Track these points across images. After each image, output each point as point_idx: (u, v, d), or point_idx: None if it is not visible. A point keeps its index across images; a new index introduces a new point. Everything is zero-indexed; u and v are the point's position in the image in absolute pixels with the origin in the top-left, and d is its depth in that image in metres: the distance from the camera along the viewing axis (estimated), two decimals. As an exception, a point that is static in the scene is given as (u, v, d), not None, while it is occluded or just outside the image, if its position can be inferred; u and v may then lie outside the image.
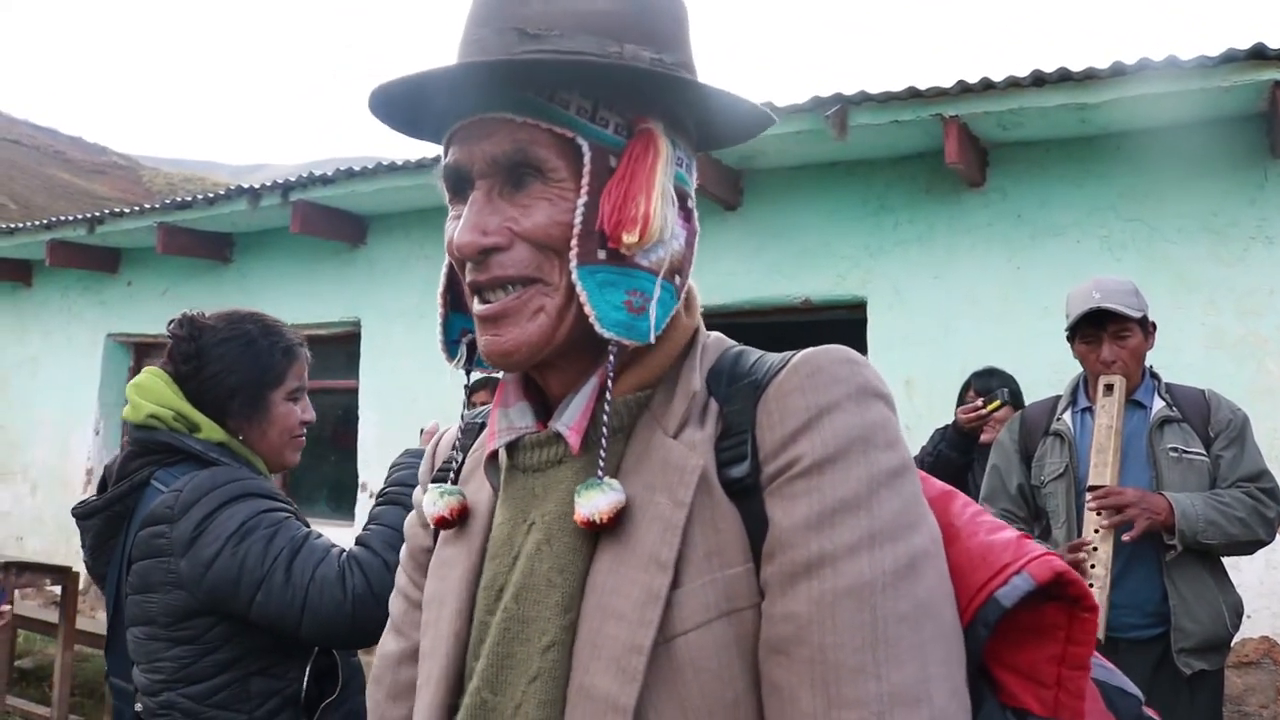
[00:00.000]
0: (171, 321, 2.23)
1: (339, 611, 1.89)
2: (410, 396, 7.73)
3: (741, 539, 0.90)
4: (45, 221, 9.38)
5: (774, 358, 0.97)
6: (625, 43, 0.94)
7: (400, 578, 1.19)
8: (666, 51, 0.96)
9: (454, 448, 1.16)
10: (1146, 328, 3.31)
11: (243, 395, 2.14)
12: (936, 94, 5.49)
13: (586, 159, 0.93)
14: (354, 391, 8.22)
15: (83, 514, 2.18)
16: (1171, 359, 4.46)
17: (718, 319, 6.58)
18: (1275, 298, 5.26)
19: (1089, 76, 5.18)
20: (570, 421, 0.96)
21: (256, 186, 7.97)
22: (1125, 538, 3.01)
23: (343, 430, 8.40)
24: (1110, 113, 5.37)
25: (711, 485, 0.92)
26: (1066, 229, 5.75)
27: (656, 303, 0.95)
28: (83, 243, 9.17)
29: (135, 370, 9.82)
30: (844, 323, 6.41)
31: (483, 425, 1.14)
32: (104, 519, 2.15)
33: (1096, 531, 3.04)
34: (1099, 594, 2.96)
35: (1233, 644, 4.83)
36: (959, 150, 5.51)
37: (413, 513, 1.19)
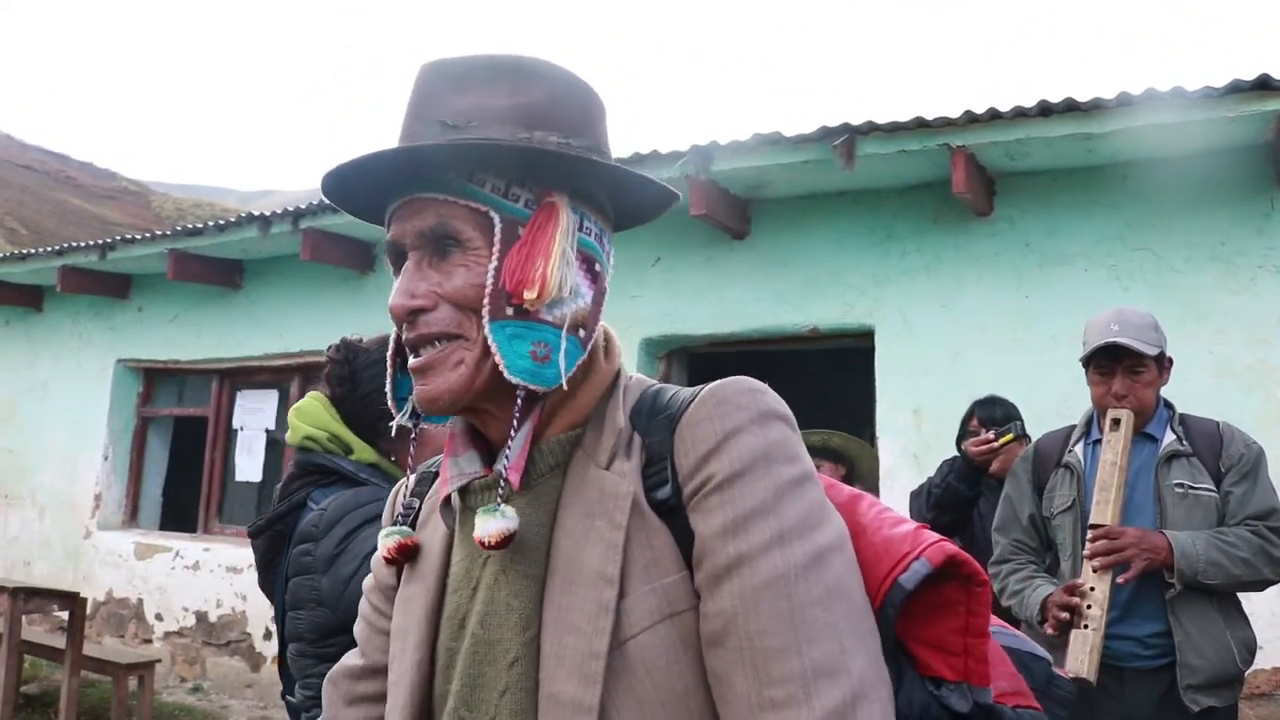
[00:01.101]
0: (330, 346, 2.28)
1: None
2: (418, 423, 7.75)
3: (673, 551, 1.04)
4: (57, 248, 9.43)
5: (687, 392, 1.11)
6: (535, 130, 1.07)
7: (364, 606, 1.34)
8: (574, 137, 1.09)
9: (411, 494, 1.30)
10: (1162, 364, 3.27)
11: (390, 416, 2.15)
12: (943, 124, 5.52)
13: (497, 229, 1.07)
14: (362, 418, 8.22)
15: (251, 533, 2.26)
16: (1179, 388, 4.43)
17: (726, 348, 6.60)
18: (1281, 326, 5.26)
19: (1095, 107, 5.21)
20: (509, 461, 1.08)
21: (267, 214, 8.03)
22: (1120, 580, 2.98)
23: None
24: (1117, 142, 5.39)
25: (642, 508, 1.05)
26: (1074, 258, 5.76)
27: (560, 352, 1.08)
28: (94, 269, 9.22)
29: (145, 396, 9.89)
30: (852, 351, 6.43)
31: (435, 474, 1.28)
32: (268, 539, 2.22)
33: (1095, 571, 3.01)
34: (1094, 635, 2.93)
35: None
36: (966, 180, 5.54)
37: (378, 551, 1.29)
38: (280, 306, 8.74)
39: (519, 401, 1.07)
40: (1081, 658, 2.90)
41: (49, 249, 9.53)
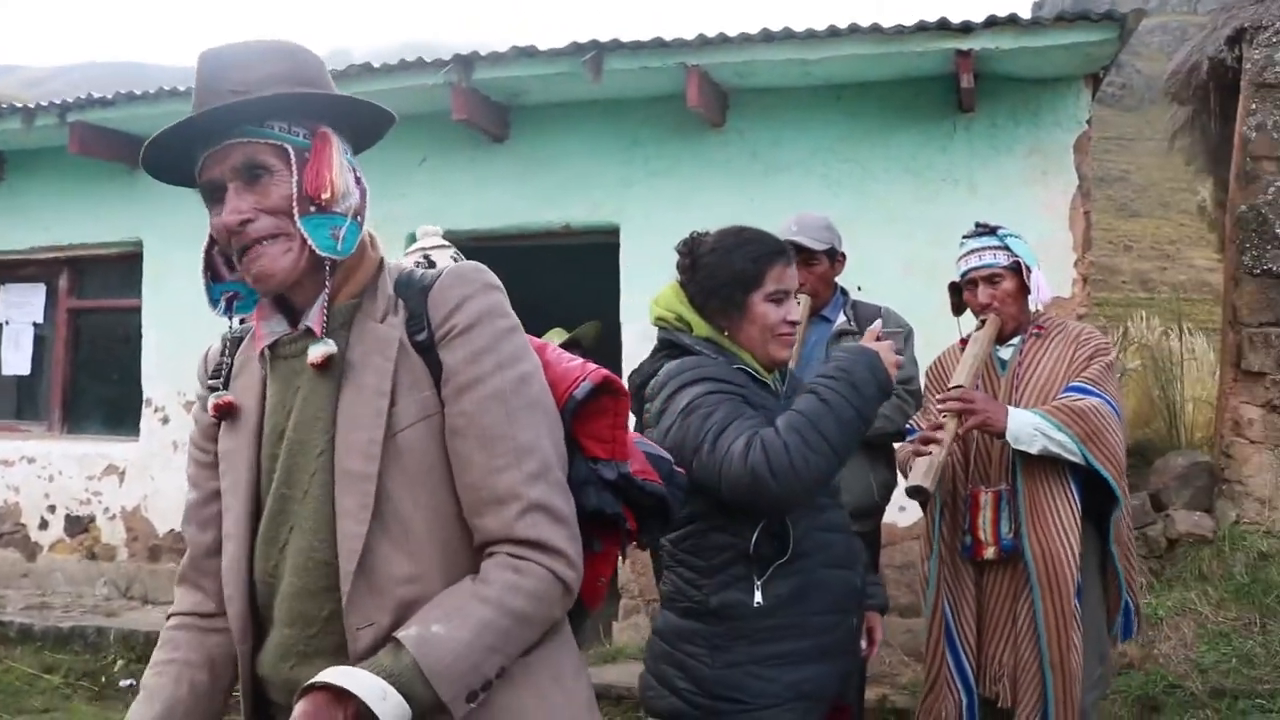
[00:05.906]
0: (681, 241, 2.69)
1: (739, 482, 2.27)
2: (192, 314, 7.66)
3: (427, 375, 1.50)
4: None
5: (433, 272, 1.57)
6: (296, 87, 1.50)
7: (191, 450, 1.71)
8: (316, 88, 1.54)
9: (222, 354, 1.68)
10: (835, 257, 3.96)
11: (719, 297, 2.54)
12: (680, 45, 6.15)
13: (292, 156, 1.49)
14: (137, 310, 8.31)
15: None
16: (874, 281, 5.30)
17: (487, 243, 7.04)
18: (959, 231, 6.14)
19: (809, 36, 5.96)
20: (311, 320, 1.52)
21: (31, 105, 7.91)
22: None
23: (124, 348, 8.49)
24: (829, 68, 6.17)
25: (406, 347, 1.51)
26: (793, 167, 6.53)
27: (347, 231, 1.53)
28: None
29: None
30: (600, 246, 7.03)
31: (239, 339, 1.68)
32: (635, 401, 2.59)
33: None
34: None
35: (912, 523, 5.73)
36: (700, 95, 6.19)
37: (198, 403, 1.70)
38: (47, 199, 8.60)
39: (329, 270, 1.50)
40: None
41: None
